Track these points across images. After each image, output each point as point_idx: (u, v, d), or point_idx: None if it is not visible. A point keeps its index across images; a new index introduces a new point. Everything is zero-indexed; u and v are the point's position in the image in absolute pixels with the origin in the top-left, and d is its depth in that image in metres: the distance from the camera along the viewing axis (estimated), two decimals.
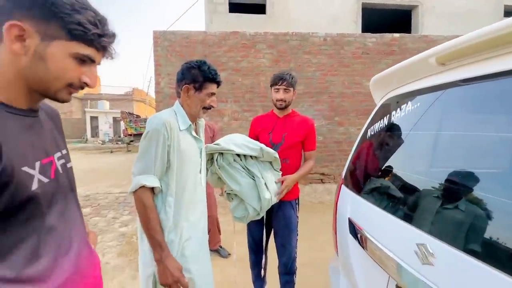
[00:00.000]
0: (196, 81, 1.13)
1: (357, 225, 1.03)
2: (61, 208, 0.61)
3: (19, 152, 0.51)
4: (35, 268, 0.53)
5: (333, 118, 5.02)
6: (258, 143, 1.51)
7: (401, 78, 1.06)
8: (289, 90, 1.59)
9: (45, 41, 0.52)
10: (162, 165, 1.06)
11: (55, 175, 0.60)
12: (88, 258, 0.68)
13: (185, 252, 1.12)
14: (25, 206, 0.52)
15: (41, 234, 0.55)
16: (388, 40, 5.05)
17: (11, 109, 0.53)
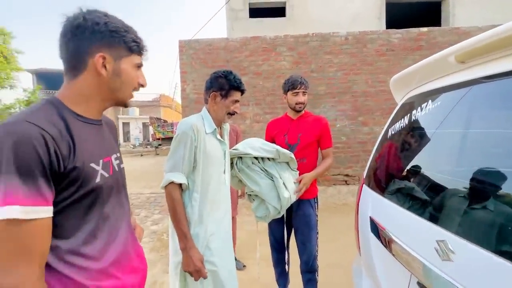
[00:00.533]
0: (222, 89, 1.25)
1: (378, 224, 1.04)
2: (114, 200, 0.73)
3: (88, 151, 0.64)
4: (92, 247, 0.65)
5: (357, 118, 4.90)
6: (274, 145, 1.58)
7: (421, 77, 1.06)
8: (306, 93, 1.69)
9: (117, 61, 0.67)
10: (189, 164, 1.19)
11: (112, 172, 0.73)
12: (133, 247, 0.79)
13: (210, 245, 1.22)
14: (90, 195, 0.64)
15: (99, 219, 0.67)
16: (414, 35, 4.83)
17: (84, 118, 0.67)
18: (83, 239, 0.63)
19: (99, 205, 0.67)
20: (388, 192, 1.08)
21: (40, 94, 10.11)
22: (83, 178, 0.61)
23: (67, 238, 0.61)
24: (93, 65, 0.64)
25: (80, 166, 0.61)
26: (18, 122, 0.54)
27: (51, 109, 0.61)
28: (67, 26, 0.63)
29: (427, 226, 0.79)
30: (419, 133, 1.02)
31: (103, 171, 0.68)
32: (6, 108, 8.76)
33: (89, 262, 0.63)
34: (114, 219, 0.72)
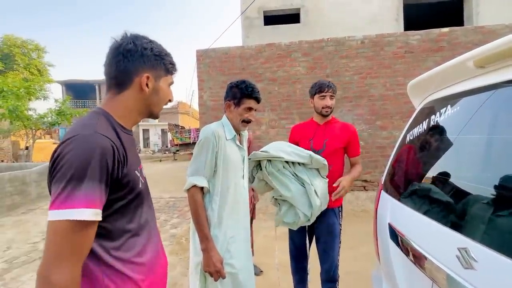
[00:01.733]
0: (235, 98, 1.32)
1: (398, 230, 1.03)
2: (148, 204, 0.82)
3: (132, 160, 0.72)
4: (138, 244, 0.73)
5: (375, 122, 4.79)
6: (307, 150, 1.55)
7: (440, 82, 1.05)
8: (334, 96, 1.65)
9: (157, 81, 0.77)
10: (210, 169, 1.25)
11: (144, 179, 0.81)
12: (160, 245, 0.86)
13: (230, 248, 1.26)
14: (136, 199, 0.72)
15: (141, 219, 0.75)
16: (435, 36, 4.67)
17: (126, 129, 0.75)
18: (131, 238, 0.71)
19: (140, 208, 0.75)
20: (407, 198, 1.06)
21: (69, 104, 10.80)
22: (132, 184, 0.70)
23: (118, 237, 0.68)
24: (138, 83, 0.73)
25: (130, 173, 0.69)
26: (92, 134, 0.62)
27: (106, 120, 0.70)
28: (118, 49, 0.72)
29: (448, 233, 0.78)
30: (438, 138, 1.01)
31: (141, 178, 0.76)
32: (40, 117, 9.44)
33: (135, 258, 0.71)
34: (150, 220, 0.80)
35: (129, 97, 0.74)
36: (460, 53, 0.87)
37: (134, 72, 0.72)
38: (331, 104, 1.64)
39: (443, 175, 0.94)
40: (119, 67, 0.72)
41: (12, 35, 18.12)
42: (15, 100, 8.15)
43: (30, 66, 18.52)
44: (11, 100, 8.04)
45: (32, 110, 9.92)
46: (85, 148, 0.59)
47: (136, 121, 0.80)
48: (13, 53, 17.61)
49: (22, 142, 11.87)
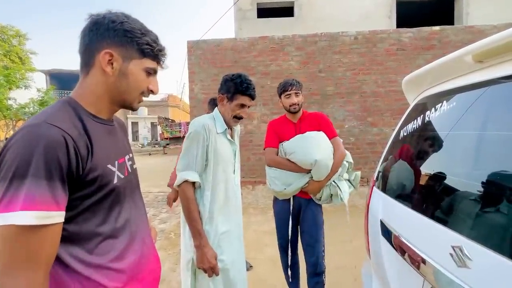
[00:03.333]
0: (228, 92, 1.27)
1: (390, 227, 1.02)
2: (131, 202, 0.73)
3: (104, 153, 0.64)
4: (115, 247, 0.65)
5: (366, 119, 4.83)
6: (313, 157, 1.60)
7: (436, 77, 1.03)
8: (299, 93, 1.68)
9: (126, 62, 0.65)
10: (202, 162, 1.21)
11: (127, 173, 0.73)
12: (150, 248, 0.78)
13: (221, 244, 1.24)
14: (108, 197, 0.64)
15: (118, 219, 0.67)
16: (426, 34, 4.72)
17: (98, 119, 0.66)
18: (105, 241, 0.63)
19: (117, 206, 0.67)
20: (399, 194, 1.05)
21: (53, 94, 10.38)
22: (101, 180, 0.61)
23: (88, 240, 0.61)
24: (99, 62, 0.63)
25: (98, 167, 0.61)
26: (39, 124, 0.53)
27: (69, 109, 0.61)
28: (88, 22, 0.64)
29: (441, 230, 0.76)
30: (433, 135, 0.99)
31: (119, 172, 0.68)
32: (21, 107, 9.03)
33: (111, 264, 0.63)
34: (133, 220, 0.72)
35: (93, 79, 0.65)
36: (450, 52, 0.86)
37: (97, 48, 0.63)
38: (298, 101, 1.67)
39: (437, 172, 0.92)
40: (85, 42, 0.63)
41: None
42: None
43: (11, 53, 17.57)
44: None
45: (12, 100, 9.47)
46: (27, 141, 0.51)
47: (112, 110, 0.71)
48: None
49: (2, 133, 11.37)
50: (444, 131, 0.95)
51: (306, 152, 1.58)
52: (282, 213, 1.75)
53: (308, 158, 1.57)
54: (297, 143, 1.64)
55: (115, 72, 0.64)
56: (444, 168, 0.91)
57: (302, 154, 1.59)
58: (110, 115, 0.72)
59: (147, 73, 0.69)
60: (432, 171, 0.94)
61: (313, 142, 1.61)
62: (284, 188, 1.66)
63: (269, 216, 3.91)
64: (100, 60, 0.63)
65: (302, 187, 1.65)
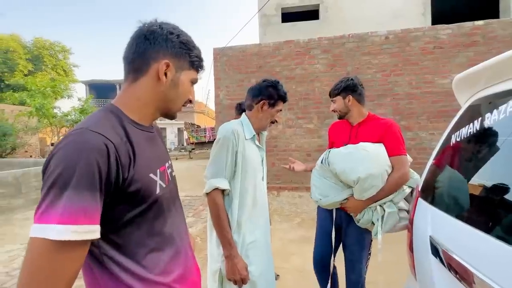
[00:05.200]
0: (271, 98, 1.26)
1: (442, 245, 0.89)
2: (173, 211, 0.70)
3: (146, 161, 0.62)
4: (161, 261, 0.62)
5: (399, 123, 4.50)
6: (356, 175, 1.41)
7: (495, 75, 0.89)
8: (335, 99, 1.57)
9: (178, 72, 0.67)
10: (231, 169, 1.18)
11: (168, 182, 0.70)
12: (191, 260, 0.75)
13: (249, 254, 1.18)
14: (152, 208, 0.61)
15: (163, 232, 0.64)
16: (468, 30, 4.33)
17: (140, 125, 0.65)
18: (150, 254, 0.61)
19: (161, 217, 0.64)
20: (454, 209, 0.92)
21: (92, 102, 11.29)
22: (144, 190, 0.59)
23: (135, 252, 0.58)
24: (155, 70, 0.63)
25: (140, 177, 0.58)
26: (82, 131, 0.52)
27: (112, 117, 0.60)
28: (142, 30, 0.64)
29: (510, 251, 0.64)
30: (496, 140, 0.86)
31: (161, 181, 0.65)
32: (65, 115, 9.92)
33: (157, 278, 0.60)
34: (176, 231, 0.69)
35: (143, 86, 0.64)
36: (497, 48, 0.73)
37: (154, 57, 0.63)
38: (335, 108, 1.57)
39: (501, 182, 0.79)
40: (139, 49, 0.63)
41: (41, 38, 19.26)
42: (41, 99, 8.60)
43: (57, 66, 19.60)
44: (38, 99, 8.49)
45: (57, 108, 10.45)
46: (71, 149, 0.49)
47: (154, 117, 0.70)
48: (42, 54, 18.72)
49: (49, 138, 12.55)
50: (508, 136, 0.82)
51: (351, 166, 1.36)
52: (323, 222, 1.61)
53: (350, 174, 1.35)
54: (343, 153, 1.42)
55: (168, 82, 0.65)
56: (508, 177, 0.78)
57: (344, 168, 1.37)
58: (151, 122, 0.71)
59: (191, 83, 0.71)
60: (495, 182, 0.81)
61: (362, 155, 1.37)
62: (319, 198, 1.50)
63: (294, 224, 3.78)
64: (157, 69, 0.63)
65: (340, 202, 1.45)
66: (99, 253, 0.55)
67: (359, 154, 1.38)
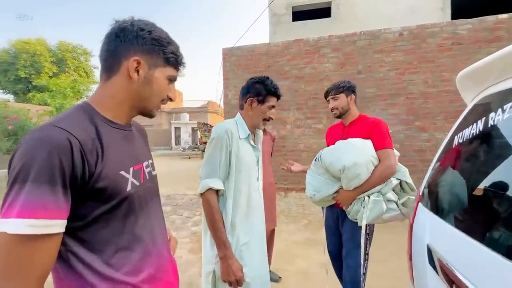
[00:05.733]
0: (259, 95, 1.24)
1: (439, 255, 0.83)
2: (148, 210, 0.70)
3: (117, 158, 0.62)
4: (130, 260, 0.62)
5: (413, 123, 4.33)
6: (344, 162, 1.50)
7: (503, 71, 0.82)
8: (338, 97, 1.61)
9: (151, 70, 0.66)
10: (225, 169, 1.17)
11: (143, 180, 0.70)
12: (167, 261, 0.74)
13: (243, 255, 1.16)
14: (122, 205, 0.61)
15: (133, 230, 0.63)
16: (490, 24, 4.07)
17: (114, 124, 0.65)
18: (119, 253, 0.60)
19: (132, 215, 0.64)
20: (452, 215, 0.85)
21: None
22: (112, 187, 0.59)
23: (102, 251, 0.58)
24: (126, 68, 0.63)
25: (109, 174, 0.58)
26: (46, 127, 0.53)
27: (82, 114, 0.60)
28: (114, 28, 0.64)
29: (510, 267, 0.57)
30: (499, 142, 0.78)
31: (134, 179, 0.65)
32: None
33: (125, 277, 0.60)
34: (150, 230, 0.68)
35: (116, 85, 0.64)
36: None
37: (124, 54, 0.63)
38: (335, 105, 1.63)
39: (501, 191, 0.72)
40: (110, 48, 0.63)
41: (65, 41, 20.31)
42: (61, 99, 9.05)
43: (79, 68, 20.56)
44: (58, 99, 8.94)
45: None
46: (32, 145, 0.49)
47: (131, 115, 0.70)
48: (65, 57, 19.69)
49: None
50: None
51: (337, 157, 1.46)
52: (327, 220, 1.72)
53: (337, 164, 1.44)
54: (332, 148, 1.54)
55: (140, 79, 0.65)
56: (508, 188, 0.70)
57: (332, 160, 1.48)
58: (128, 120, 0.71)
59: (169, 80, 0.70)
60: (496, 188, 0.74)
61: (348, 147, 1.47)
62: (313, 194, 1.57)
63: (301, 226, 3.72)
64: (127, 67, 0.63)
65: (331, 195, 1.53)
66: (64, 249, 0.55)
67: (345, 147, 1.49)
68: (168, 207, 4.76)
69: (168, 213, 4.44)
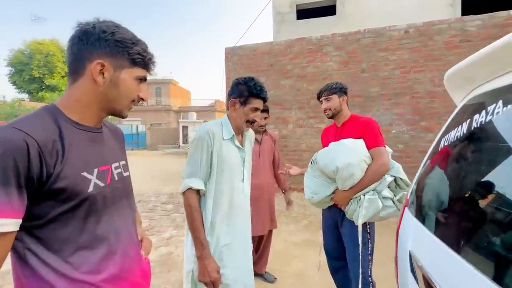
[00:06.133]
0: (241, 96, 1.22)
1: (419, 263, 0.79)
2: (114, 211, 0.70)
3: (80, 160, 0.62)
4: (89, 260, 0.62)
5: (418, 123, 4.22)
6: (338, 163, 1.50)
7: (493, 69, 0.77)
8: (330, 98, 1.62)
9: (117, 71, 0.66)
10: (206, 169, 1.18)
11: (110, 182, 0.70)
12: (134, 261, 0.74)
13: (223, 256, 1.16)
14: (82, 205, 0.62)
15: (95, 231, 0.64)
16: (501, 20, 3.90)
17: (80, 125, 0.65)
18: (78, 252, 0.61)
19: (93, 216, 0.64)
20: (433, 222, 0.81)
21: None
22: (72, 188, 0.59)
23: (60, 250, 0.59)
24: (90, 71, 0.63)
25: (69, 174, 0.58)
26: (4, 129, 0.53)
27: (46, 115, 0.61)
28: (77, 31, 0.64)
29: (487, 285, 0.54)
30: (483, 146, 0.74)
31: (98, 180, 0.65)
32: None
33: (83, 276, 0.61)
34: (114, 231, 0.69)
35: (81, 88, 0.64)
36: None
37: (87, 57, 0.63)
38: (328, 106, 1.63)
39: (487, 199, 0.67)
40: (73, 51, 0.63)
41: None
42: None
43: None
44: None
45: None
46: None
47: (100, 117, 0.70)
48: None
49: None
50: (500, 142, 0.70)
51: (331, 159, 1.47)
52: (326, 220, 1.72)
53: (330, 166, 1.46)
54: (326, 150, 1.56)
55: (106, 82, 0.65)
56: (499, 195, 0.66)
57: (326, 162, 1.49)
58: (97, 122, 0.71)
59: (139, 81, 0.70)
60: (480, 196, 0.69)
61: (341, 148, 1.48)
62: (311, 196, 1.58)
63: (301, 226, 3.68)
64: (91, 70, 0.63)
65: (329, 196, 1.54)
66: (22, 247, 0.56)
67: (337, 148, 1.50)
68: (170, 205, 4.81)
69: (170, 211, 4.49)
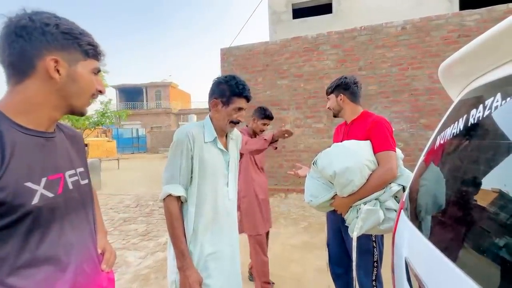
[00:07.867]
0: (223, 96, 1.16)
1: (415, 271, 0.73)
2: (66, 224, 0.64)
3: (24, 168, 0.56)
4: (31, 279, 0.56)
5: (418, 121, 4.15)
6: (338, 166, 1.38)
7: (492, 59, 0.71)
8: (329, 97, 1.59)
9: (73, 66, 0.62)
10: (187, 175, 1.10)
11: (62, 191, 0.64)
12: (90, 279, 0.68)
13: (208, 265, 1.10)
14: (25, 219, 0.55)
15: (38, 249, 0.58)
16: (500, 14, 3.84)
17: (27, 130, 0.59)
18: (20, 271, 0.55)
19: (38, 231, 0.58)
20: (429, 228, 0.75)
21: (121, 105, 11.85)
22: (11, 200, 0.53)
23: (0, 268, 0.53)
24: (43, 69, 0.58)
25: (9, 185, 0.53)
26: None
27: None
28: (10, 26, 0.57)
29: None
30: (481, 143, 0.68)
31: (46, 191, 0.59)
32: (86, 118, 10.51)
33: None
34: (65, 245, 0.63)
35: (32, 88, 0.58)
36: None
37: (36, 55, 0.57)
38: (329, 105, 1.61)
39: (486, 201, 0.61)
40: (14, 50, 0.57)
41: None
42: None
43: None
44: None
45: None
46: None
47: (52, 118, 0.64)
48: None
49: None
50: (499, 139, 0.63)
51: (328, 162, 1.33)
52: (332, 223, 1.63)
53: (328, 170, 1.31)
54: (325, 151, 1.41)
55: (63, 78, 0.60)
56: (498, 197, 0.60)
57: (324, 164, 1.35)
58: (49, 125, 0.65)
59: (94, 73, 0.66)
60: (477, 199, 0.63)
61: (340, 151, 1.34)
62: (310, 200, 1.47)
63: (300, 228, 3.61)
64: (45, 68, 0.58)
65: (328, 201, 1.41)
66: None
67: (336, 150, 1.37)
68: None
69: None
